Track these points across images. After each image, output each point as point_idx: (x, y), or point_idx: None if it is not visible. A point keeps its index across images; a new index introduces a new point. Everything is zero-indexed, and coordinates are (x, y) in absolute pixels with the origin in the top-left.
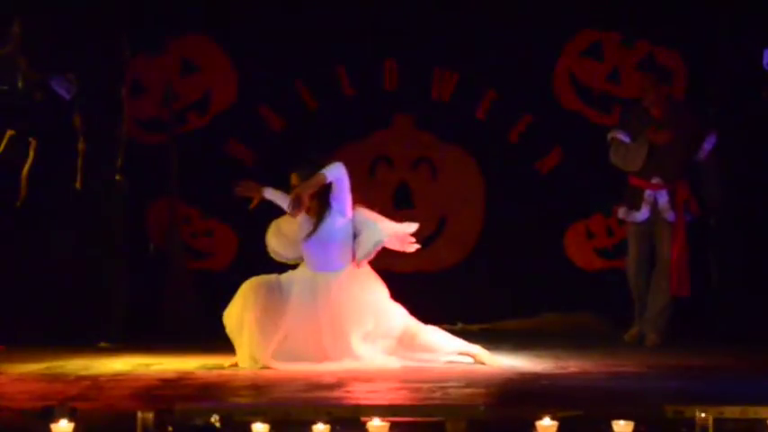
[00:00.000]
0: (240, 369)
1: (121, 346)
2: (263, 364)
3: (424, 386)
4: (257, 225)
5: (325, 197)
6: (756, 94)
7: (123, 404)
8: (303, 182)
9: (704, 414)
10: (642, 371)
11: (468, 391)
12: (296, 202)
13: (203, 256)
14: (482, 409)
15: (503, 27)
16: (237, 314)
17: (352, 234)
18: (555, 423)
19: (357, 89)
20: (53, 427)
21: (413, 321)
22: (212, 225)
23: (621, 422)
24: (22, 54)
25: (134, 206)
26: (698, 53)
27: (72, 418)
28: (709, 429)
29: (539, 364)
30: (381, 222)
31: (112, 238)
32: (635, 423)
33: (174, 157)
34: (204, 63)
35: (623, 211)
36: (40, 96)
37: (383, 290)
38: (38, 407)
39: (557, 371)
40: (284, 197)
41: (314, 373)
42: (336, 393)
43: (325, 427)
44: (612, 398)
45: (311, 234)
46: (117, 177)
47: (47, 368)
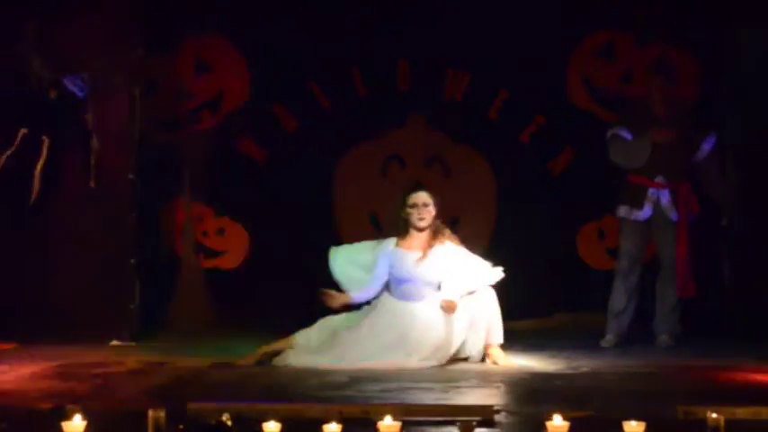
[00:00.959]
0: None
1: (134, 344)
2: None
3: (437, 386)
4: (269, 224)
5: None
6: None
7: (135, 402)
8: None
9: (716, 415)
10: (654, 371)
11: (481, 391)
12: None
13: (216, 254)
14: (494, 409)
15: (515, 27)
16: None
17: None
18: (566, 423)
19: (370, 89)
20: (65, 425)
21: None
22: (224, 223)
23: (633, 423)
24: (35, 52)
25: (147, 205)
26: (710, 55)
27: (84, 417)
28: (722, 430)
29: (551, 365)
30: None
31: (125, 236)
32: (647, 424)
33: (187, 155)
34: (218, 62)
35: (625, 210)
36: (53, 95)
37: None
38: (50, 405)
39: (569, 371)
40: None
41: (327, 372)
42: (348, 393)
43: (337, 427)
44: (624, 398)
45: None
46: (130, 176)
47: (58, 366)
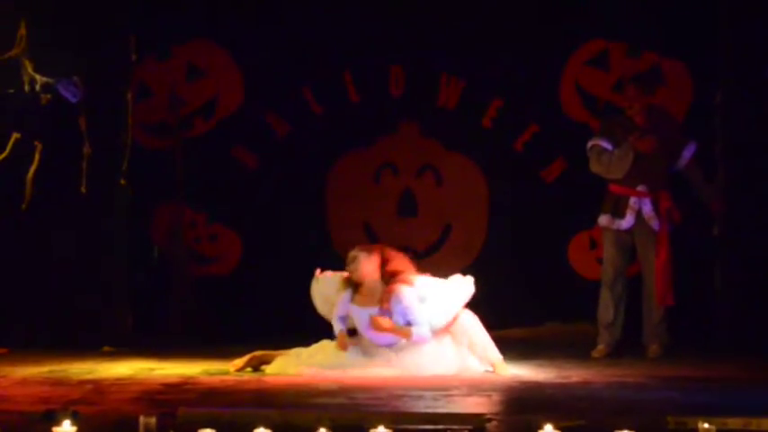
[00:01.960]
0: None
1: (125, 350)
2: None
3: (427, 394)
4: (261, 230)
5: None
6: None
7: (126, 408)
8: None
9: (707, 425)
10: (645, 381)
11: (472, 399)
12: None
13: (208, 260)
14: (485, 417)
15: (509, 35)
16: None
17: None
18: None
19: (363, 95)
20: (55, 430)
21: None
22: (217, 230)
23: None
24: (28, 57)
25: (139, 211)
26: (703, 64)
27: (74, 422)
28: None
29: (541, 374)
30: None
31: (117, 242)
32: None
33: (180, 161)
34: (210, 68)
35: (607, 219)
36: (46, 100)
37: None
38: (40, 410)
39: (559, 380)
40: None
41: (317, 379)
42: (339, 400)
43: None
44: (615, 408)
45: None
46: (122, 182)
47: (50, 371)
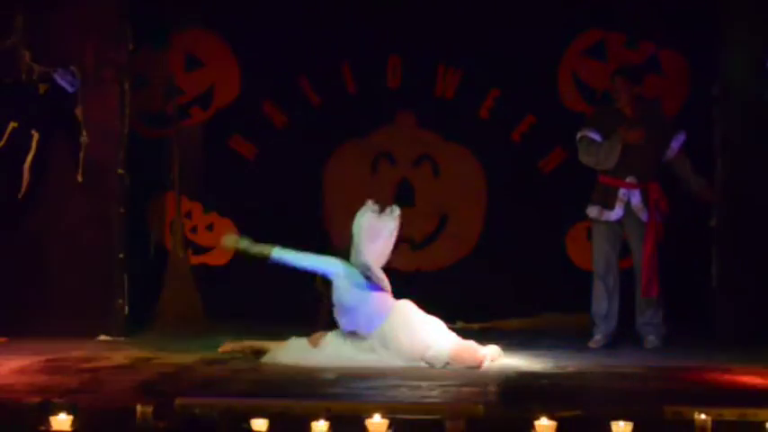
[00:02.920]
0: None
1: (122, 339)
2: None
3: (424, 384)
4: (258, 220)
5: None
6: (760, 96)
7: (123, 397)
8: None
9: (703, 416)
10: (641, 372)
11: (468, 389)
12: None
13: (204, 250)
14: (481, 407)
15: (507, 25)
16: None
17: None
18: (554, 423)
19: (360, 86)
20: (53, 419)
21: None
22: (213, 219)
23: (621, 423)
24: (25, 47)
25: (136, 200)
26: (701, 55)
27: (71, 411)
28: (708, 431)
29: (538, 364)
30: None
31: (113, 232)
32: (634, 424)
33: (177, 151)
34: (208, 58)
35: (596, 211)
36: (43, 89)
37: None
38: (38, 399)
39: (556, 370)
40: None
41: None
42: (336, 390)
43: (325, 424)
44: (611, 398)
45: None
46: (119, 171)
47: (47, 361)
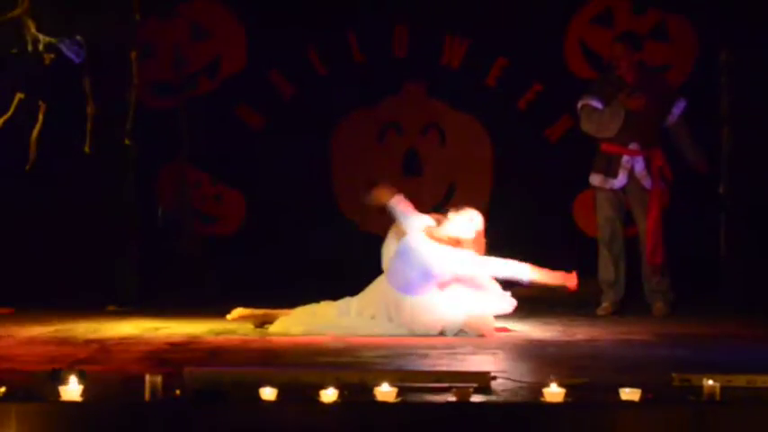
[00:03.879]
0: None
1: (130, 309)
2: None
3: (432, 352)
4: (266, 190)
5: None
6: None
7: (132, 367)
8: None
9: (711, 382)
10: (650, 339)
11: (476, 357)
12: None
13: (212, 220)
14: (490, 375)
15: None
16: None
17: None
18: (562, 390)
19: (367, 55)
20: (62, 389)
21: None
22: (221, 190)
23: (628, 390)
24: (31, 17)
25: (144, 170)
26: (709, 21)
27: (81, 381)
28: (717, 398)
29: (546, 332)
30: None
31: (121, 202)
32: (642, 391)
33: (184, 121)
34: (215, 27)
35: (599, 179)
36: (49, 60)
37: None
38: (47, 369)
39: (564, 338)
40: None
41: (323, 338)
42: (344, 359)
43: (334, 393)
44: (620, 366)
45: None
46: (126, 142)
47: (56, 331)
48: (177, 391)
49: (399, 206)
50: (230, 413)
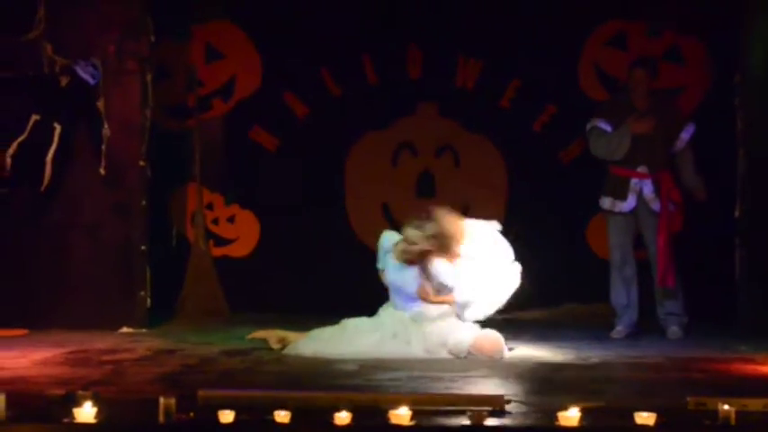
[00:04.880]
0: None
1: (144, 331)
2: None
3: (446, 375)
4: (279, 212)
5: None
6: None
7: (146, 389)
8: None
9: (727, 407)
10: (664, 362)
11: (491, 381)
12: None
13: (226, 242)
14: (504, 399)
15: (528, 15)
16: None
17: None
18: (578, 414)
19: (381, 77)
20: (75, 411)
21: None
22: (235, 211)
23: (644, 414)
24: (47, 39)
25: (158, 192)
26: (723, 43)
27: (94, 403)
28: (732, 422)
29: (560, 355)
30: None
31: (135, 224)
32: (657, 415)
33: (198, 143)
34: (229, 49)
35: (609, 202)
36: (64, 81)
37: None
38: (60, 391)
39: (578, 361)
40: None
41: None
42: (358, 382)
43: (347, 416)
44: (634, 389)
45: None
46: (141, 163)
47: (70, 353)
48: (191, 414)
49: (440, 267)
50: None
